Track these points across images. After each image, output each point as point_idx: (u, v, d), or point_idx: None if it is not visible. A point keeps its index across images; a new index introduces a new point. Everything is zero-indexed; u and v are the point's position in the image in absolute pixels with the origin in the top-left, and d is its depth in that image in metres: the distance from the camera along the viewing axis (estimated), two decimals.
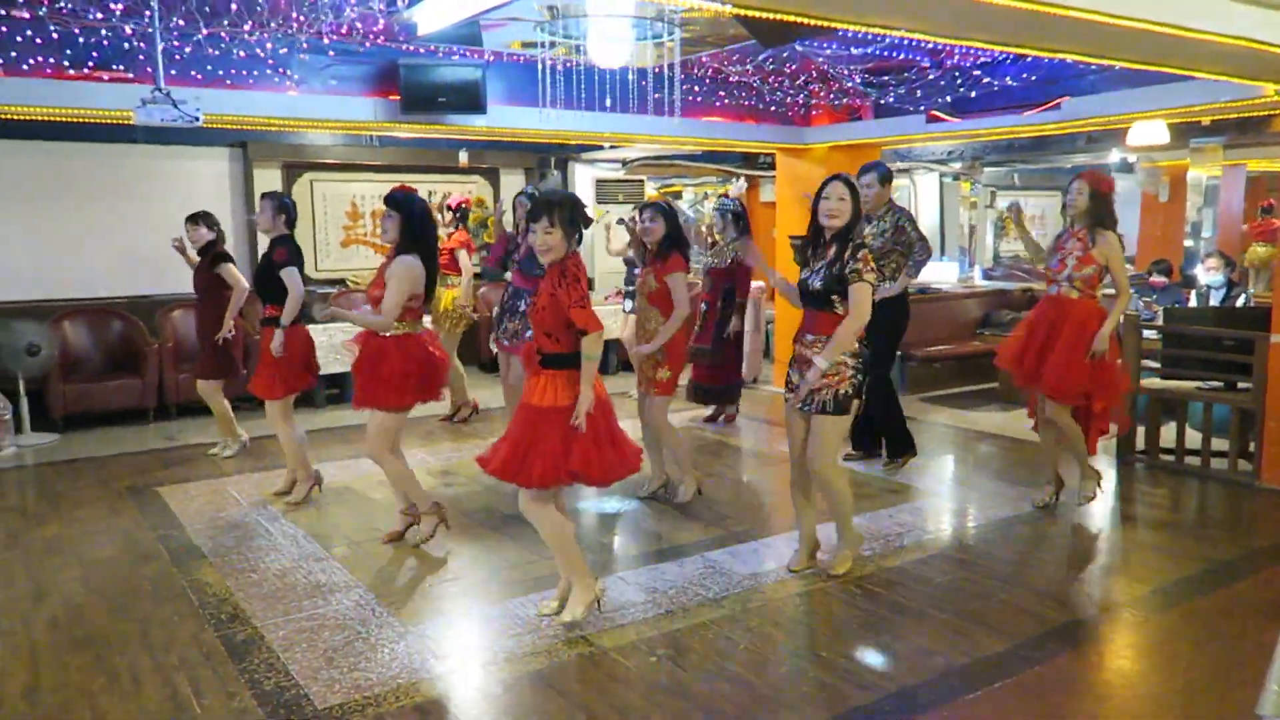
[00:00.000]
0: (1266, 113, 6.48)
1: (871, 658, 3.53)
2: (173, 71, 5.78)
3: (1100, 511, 5.29)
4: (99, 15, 5.54)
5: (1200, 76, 5.07)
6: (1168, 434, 6.13)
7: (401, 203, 4.33)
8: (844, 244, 3.92)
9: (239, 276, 6.11)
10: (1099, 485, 5.20)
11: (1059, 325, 4.88)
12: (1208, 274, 8.13)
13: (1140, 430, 6.19)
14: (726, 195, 6.71)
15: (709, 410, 7.47)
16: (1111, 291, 4.99)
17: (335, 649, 3.56)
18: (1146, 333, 6.33)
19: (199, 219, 6.21)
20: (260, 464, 6.24)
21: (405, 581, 4.26)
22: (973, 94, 7.20)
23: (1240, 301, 7.95)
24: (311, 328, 5.58)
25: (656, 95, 6.54)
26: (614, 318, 8.19)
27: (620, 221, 6.22)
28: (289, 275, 5.13)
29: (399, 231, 4.33)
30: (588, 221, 3.51)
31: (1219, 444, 5.94)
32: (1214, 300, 7.99)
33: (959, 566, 4.41)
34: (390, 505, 5.01)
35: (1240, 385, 5.85)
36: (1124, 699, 3.25)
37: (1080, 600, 4.14)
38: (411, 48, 6.56)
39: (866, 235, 5.36)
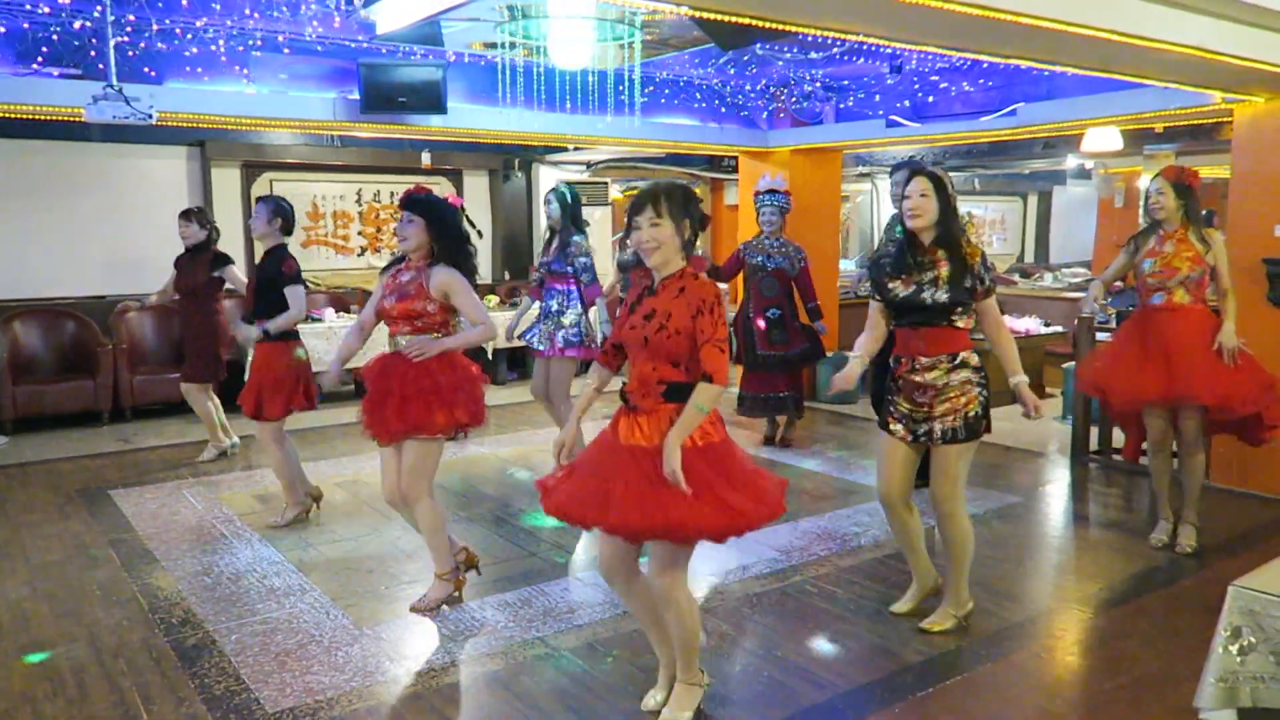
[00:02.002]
0: (1216, 120, 6.61)
1: (826, 656, 3.55)
2: (126, 68, 5.70)
3: (1055, 510, 5.37)
4: (48, 9, 5.44)
5: (1151, 84, 5.18)
6: (1121, 434, 6.22)
7: (427, 205, 3.75)
8: (956, 248, 3.46)
9: (243, 280, 5.92)
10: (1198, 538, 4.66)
11: (1184, 336, 4.38)
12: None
13: (1094, 430, 6.29)
14: (775, 191, 6.31)
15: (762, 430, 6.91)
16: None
17: (288, 652, 3.52)
18: (1100, 335, 6.43)
19: (192, 215, 5.99)
20: (223, 467, 6.16)
21: (361, 585, 4.22)
22: (931, 99, 7.29)
23: None
24: (306, 339, 5.21)
25: (619, 97, 6.56)
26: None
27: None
28: (294, 292, 4.80)
29: (427, 237, 3.75)
30: (705, 220, 2.96)
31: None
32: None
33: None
34: (349, 508, 4.96)
35: None
36: (1074, 694, 3.30)
37: (1033, 597, 4.20)
38: (371, 47, 6.51)
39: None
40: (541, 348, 5.61)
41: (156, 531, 4.91)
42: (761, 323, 6.41)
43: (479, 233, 4.06)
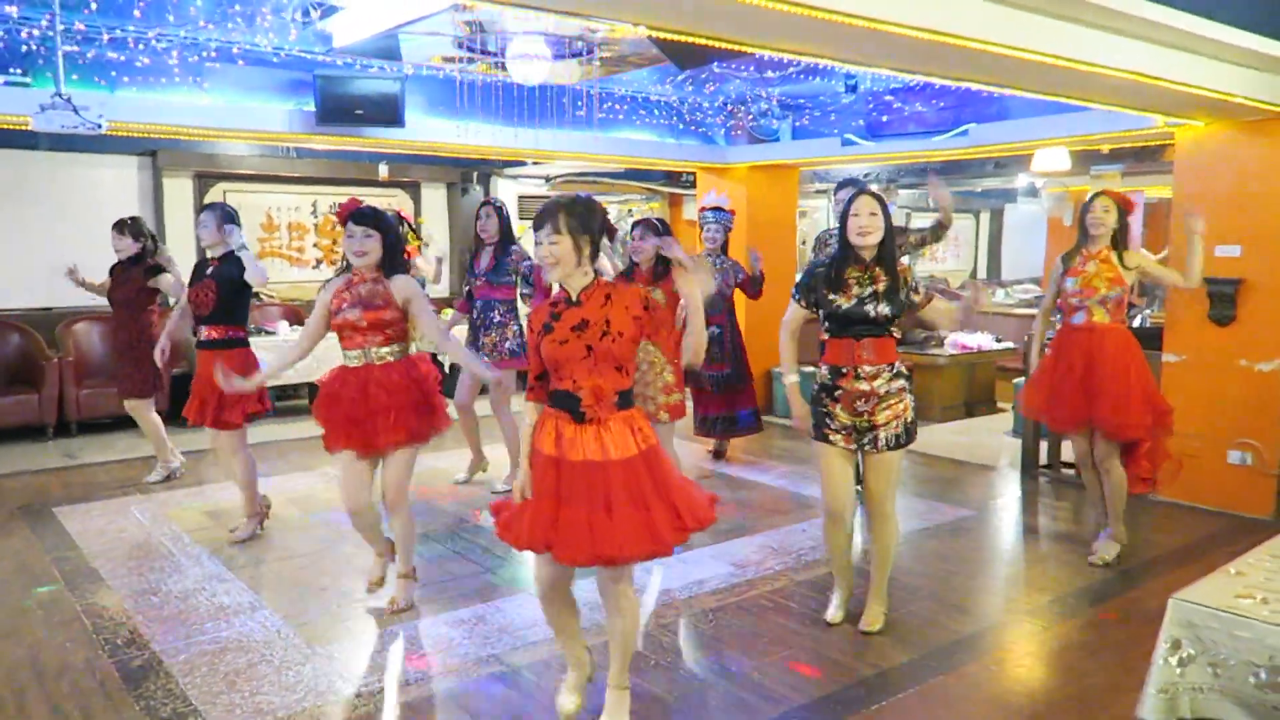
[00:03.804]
0: (1159, 142, 6.80)
1: (780, 671, 3.56)
2: (75, 76, 5.60)
3: (1006, 524, 5.46)
4: None
5: (1097, 107, 5.31)
6: (1070, 448, 6.35)
7: (382, 219, 3.81)
8: (893, 265, 3.61)
9: (181, 285, 5.72)
10: (1119, 555, 4.74)
11: (1099, 356, 4.48)
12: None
13: (1044, 444, 6.41)
14: (720, 209, 6.25)
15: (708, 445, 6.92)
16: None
17: (238, 672, 3.46)
18: None
19: (125, 227, 5.80)
20: (168, 483, 6.05)
21: (313, 603, 4.16)
22: (885, 118, 7.41)
23: (1138, 321, 8.31)
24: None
25: (578, 112, 6.58)
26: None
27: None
28: (256, 267, 4.83)
29: (382, 251, 3.78)
30: (611, 232, 3.04)
31: None
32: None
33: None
34: (301, 524, 4.90)
35: None
36: (1023, 706, 3.34)
37: (984, 610, 4.26)
38: (328, 59, 6.47)
39: None
40: (486, 358, 5.61)
41: (102, 549, 4.80)
42: None
43: (424, 244, 4.19)
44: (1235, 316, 5.49)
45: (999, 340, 8.94)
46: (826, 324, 3.68)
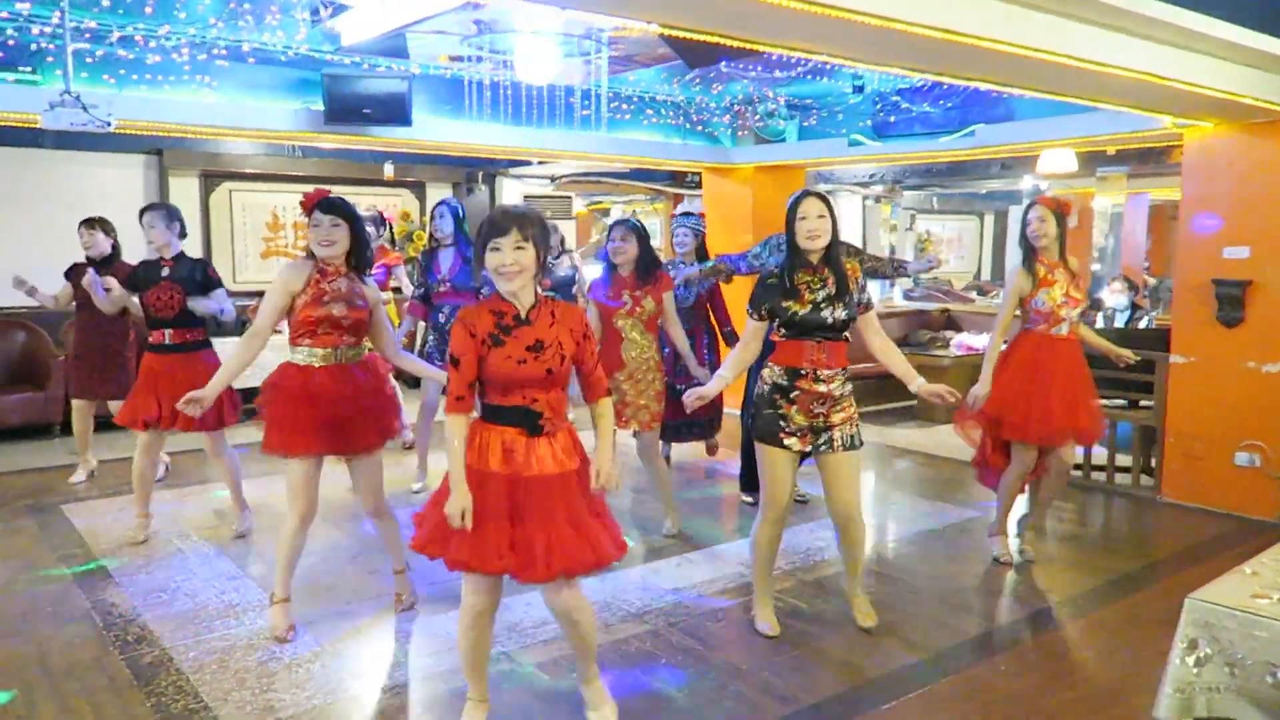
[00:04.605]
0: (1166, 144, 6.80)
1: (790, 671, 3.56)
2: (83, 74, 5.60)
3: (1012, 525, 5.44)
4: (5, 14, 5.34)
5: (1105, 107, 5.31)
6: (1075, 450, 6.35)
7: (349, 210, 3.71)
8: (840, 267, 3.60)
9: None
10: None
11: (1073, 368, 4.47)
12: (1112, 297, 8.48)
13: None
14: (690, 213, 6.08)
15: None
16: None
17: (248, 670, 3.46)
18: None
19: (95, 225, 5.73)
20: (174, 481, 6.05)
21: (321, 601, 4.15)
22: (892, 119, 7.41)
23: (1143, 323, 8.31)
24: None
25: (585, 112, 6.58)
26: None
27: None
28: (223, 296, 4.83)
29: (350, 243, 3.68)
30: (553, 249, 3.07)
31: (1123, 460, 6.19)
32: (1118, 322, 8.33)
33: (876, 580, 4.49)
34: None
35: (1142, 403, 6.11)
36: (1032, 707, 3.34)
37: (992, 612, 4.26)
38: (335, 58, 6.47)
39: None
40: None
41: (110, 547, 4.80)
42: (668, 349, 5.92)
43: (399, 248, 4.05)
44: (1243, 318, 5.49)
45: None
46: (782, 329, 3.63)
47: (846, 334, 3.63)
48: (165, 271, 4.77)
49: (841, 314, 3.57)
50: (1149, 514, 5.70)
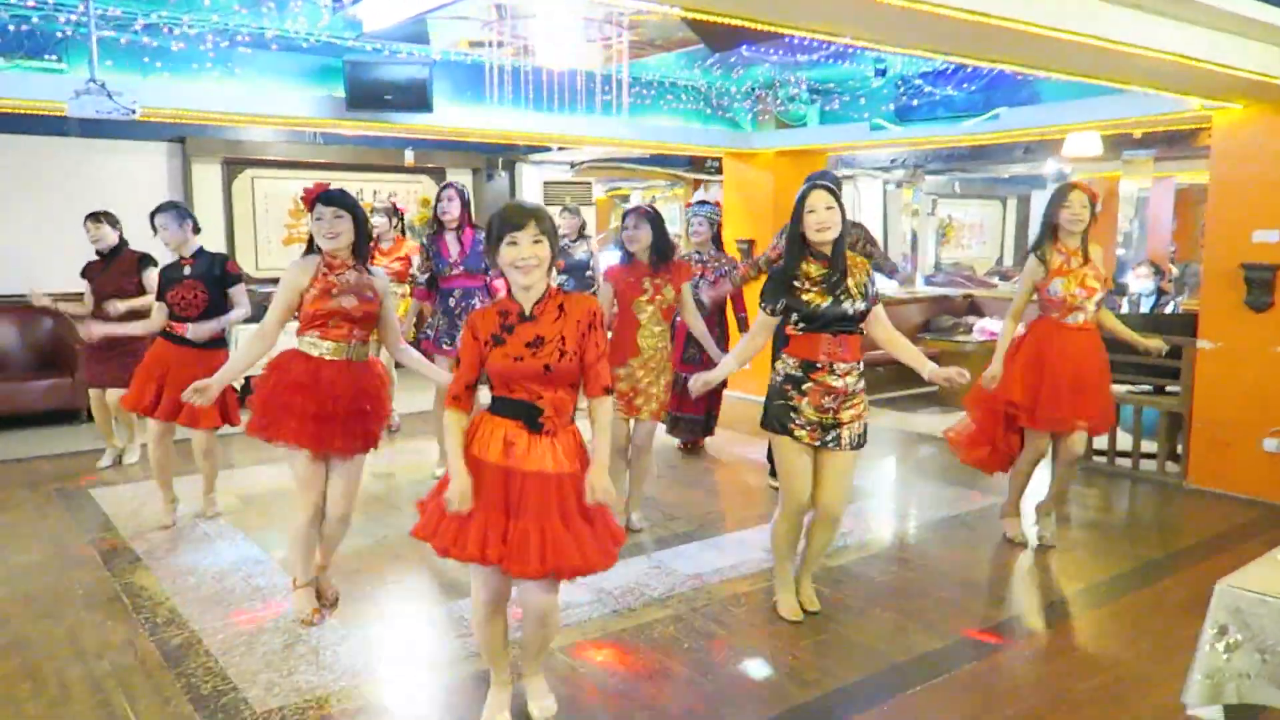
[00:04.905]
0: (1194, 126, 6.71)
1: (814, 655, 3.57)
2: (108, 62, 5.64)
3: (1034, 512, 5.41)
4: (30, 2, 5.38)
5: (1132, 89, 5.24)
6: (1100, 437, 6.30)
7: (353, 203, 3.64)
8: (849, 258, 3.56)
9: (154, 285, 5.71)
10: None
11: (1092, 358, 4.44)
12: (1138, 282, 8.39)
13: None
14: (705, 202, 6.04)
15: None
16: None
17: (275, 652, 3.50)
18: None
19: (102, 218, 5.74)
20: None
21: (347, 585, 4.19)
22: (915, 102, 7.34)
23: (1169, 309, 8.22)
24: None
25: (605, 97, 6.56)
26: None
27: None
28: (240, 293, 4.86)
29: (354, 235, 3.61)
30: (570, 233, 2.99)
31: (1149, 446, 6.14)
32: (1144, 307, 8.24)
33: (899, 566, 4.49)
34: None
35: (1168, 389, 6.05)
36: (1057, 693, 3.33)
37: (1015, 598, 4.25)
38: (356, 44, 6.48)
39: None
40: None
41: (138, 530, 4.86)
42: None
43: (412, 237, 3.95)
44: (1272, 302, 5.42)
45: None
46: (799, 323, 3.55)
47: (862, 326, 3.59)
48: (186, 270, 4.78)
49: (861, 305, 3.52)
50: (1175, 500, 5.65)
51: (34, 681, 3.29)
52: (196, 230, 4.91)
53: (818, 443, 3.58)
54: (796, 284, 3.54)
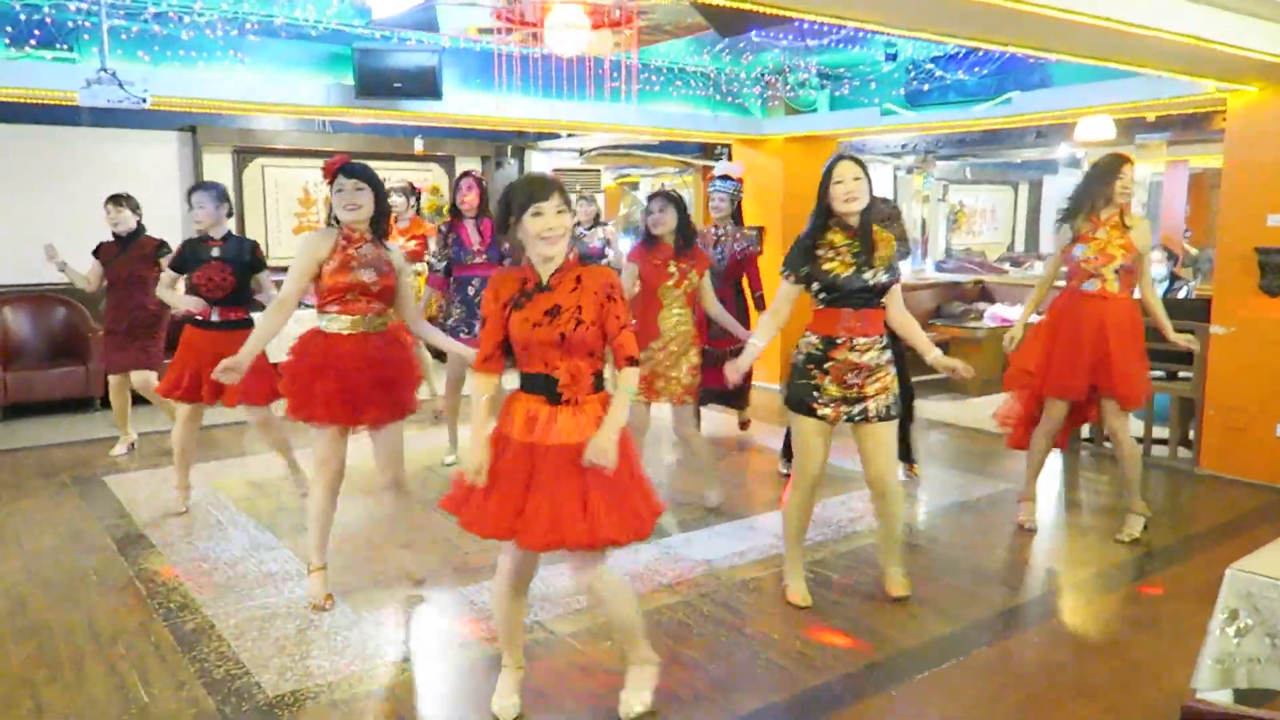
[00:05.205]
0: (1209, 109, 6.65)
1: (824, 640, 3.57)
2: (119, 51, 5.65)
3: (1046, 497, 5.41)
4: None
5: (1146, 72, 5.19)
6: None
7: (373, 176, 3.67)
8: (876, 232, 3.58)
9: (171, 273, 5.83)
10: (1147, 525, 4.64)
11: (1110, 327, 4.35)
12: (1151, 267, 8.32)
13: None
14: (728, 178, 5.99)
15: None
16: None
17: (287, 637, 3.53)
18: None
19: (122, 201, 5.77)
20: (213, 453, 6.15)
21: (358, 571, 4.22)
22: (926, 87, 7.29)
23: (1182, 294, 8.16)
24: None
25: (614, 84, 6.54)
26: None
27: None
28: (267, 279, 4.86)
29: (373, 209, 3.65)
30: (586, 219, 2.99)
31: (1160, 432, 6.11)
32: (1157, 293, 8.18)
33: (909, 551, 4.48)
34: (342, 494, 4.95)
35: (1181, 375, 6.02)
36: (1067, 678, 3.33)
37: (1026, 583, 4.24)
38: (366, 32, 6.48)
39: None
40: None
41: (152, 517, 4.90)
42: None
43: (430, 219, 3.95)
44: None
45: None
46: (821, 294, 3.58)
47: (884, 301, 3.59)
48: (215, 252, 4.77)
49: (883, 277, 3.53)
50: (1187, 486, 5.63)
51: (50, 666, 3.32)
52: (230, 214, 4.92)
53: (844, 418, 3.60)
54: (820, 253, 3.56)
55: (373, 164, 3.85)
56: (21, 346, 7.41)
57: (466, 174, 5.66)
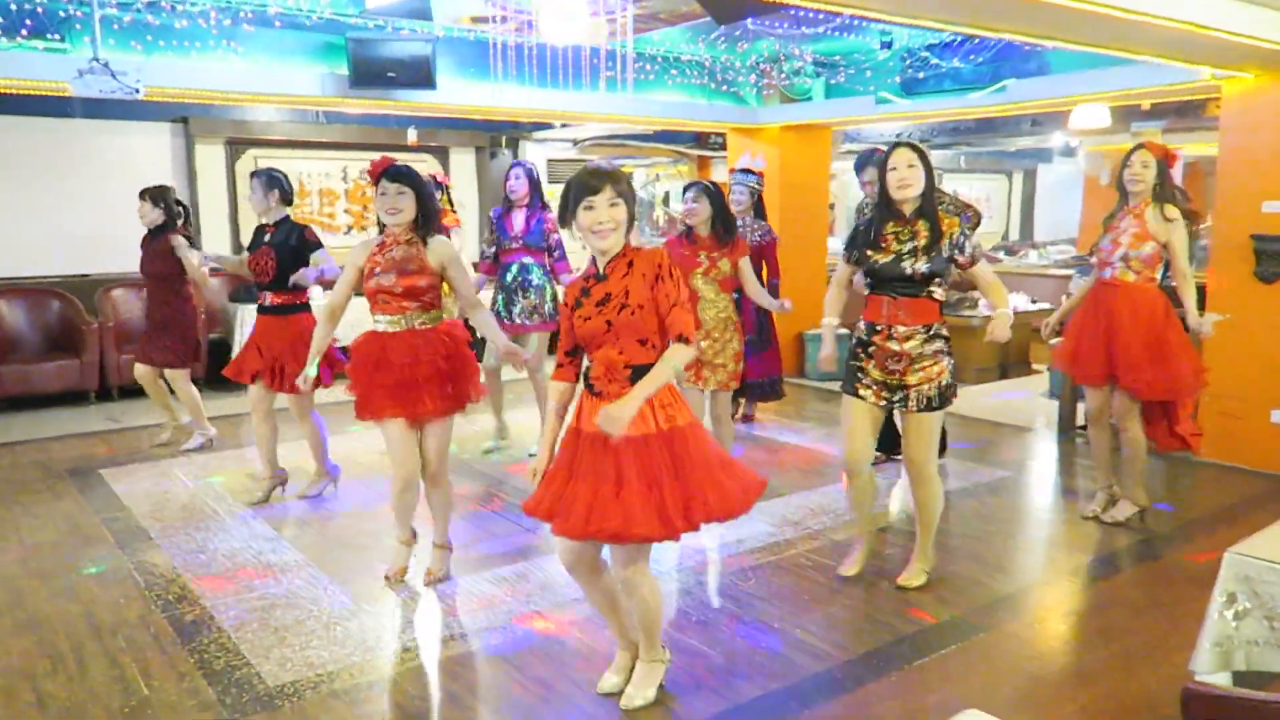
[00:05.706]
0: (1204, 96, 6.65)
1: (822, 628, 3.58)
2: (111, 41, 5.61)
3: (1044, 484, 5.43)
4: None
5: (1142, 59, 5.19)
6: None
7: (416, 178, 3.71)
8: (935, 219, 3.56)
9: (193, 263, 5.82)
10: (1143, 516, 4.67)
11: (1118, 313, 4.39)
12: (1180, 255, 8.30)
13: (1080, 405, 6.34)
14: (749, 171, 5.96)
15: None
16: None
17: (287, 628, 3.53)
18: None
19: (147, 195, 5.80)
20: (213, 447, 6.13)
21: (358, 561, 4.22)
22: (921, 75, 7.28)
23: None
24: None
25: (609, 73, 6.51)
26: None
27: None
28: (323, 256, 4.86)
29: (416, 210, 3.68)
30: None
31: None
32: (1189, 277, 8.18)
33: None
34: (342, 485, 4.94)
35: None
36: (1066, 663, 3.35)
37: (1024, 569, 4.25)
38: (359, 21, 6.44)
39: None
40: (528, 321, 5.64)
41: (150, 510, 4.89)
42: None
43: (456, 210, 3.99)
44: None
45: (1034, 301, 8.84)
46: (868, 280, 3.68)
47: (934, 291, 3.58)
48: (267, 237, 4.90)
49: (923, 267, 3.52)
50: (1184, 473, 5.65)
51: (51, 658, 3.32)
52: (285, 201, 4.95)
53: (884, 404, 3.67)
54: (869, 238, 3.66)
55: (366, 155, 3.90)
56: (17, 340, 7.38)
57: (517, 164, 5.76)
